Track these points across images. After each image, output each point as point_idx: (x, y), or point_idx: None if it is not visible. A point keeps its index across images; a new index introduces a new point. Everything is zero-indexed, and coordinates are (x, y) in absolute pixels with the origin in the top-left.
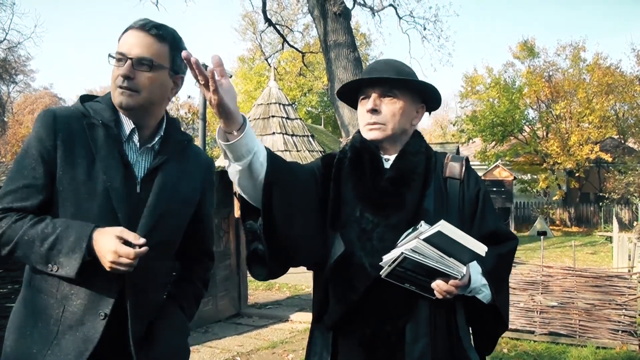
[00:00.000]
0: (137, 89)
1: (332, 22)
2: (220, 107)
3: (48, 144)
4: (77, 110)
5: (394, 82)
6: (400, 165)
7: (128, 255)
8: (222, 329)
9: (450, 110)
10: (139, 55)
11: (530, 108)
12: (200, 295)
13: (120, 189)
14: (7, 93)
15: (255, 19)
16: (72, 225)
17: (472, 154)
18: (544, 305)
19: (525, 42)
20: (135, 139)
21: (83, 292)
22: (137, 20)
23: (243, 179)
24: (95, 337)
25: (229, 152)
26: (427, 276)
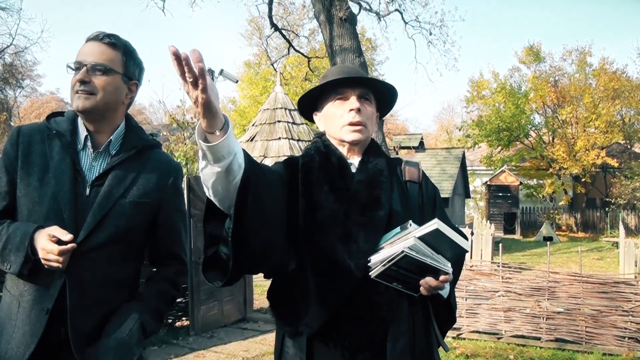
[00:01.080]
0: (93, 92)
1: (338, 27)
2: (207, 107)
3: (12, 156)
4: (42, 125)
5: (371, 86)
6: (368, 169)
7: (52, 251)
8: (228, 334)
9: (456, 115)
10: (93, 62)
11: (536, 113)
12: (165, 292)
13: (68, 192)
14: (14, 97)
15: (261, 24)
16: (20, 227)
17: (477, 159)
18: (550, 311)
19: (531, 47)
20: (89, 145)
21: (32, 288)
22: (91, 33)
23: (218, 181)
24: (39, 332)
25: (210, 153)
26: (418, 274)
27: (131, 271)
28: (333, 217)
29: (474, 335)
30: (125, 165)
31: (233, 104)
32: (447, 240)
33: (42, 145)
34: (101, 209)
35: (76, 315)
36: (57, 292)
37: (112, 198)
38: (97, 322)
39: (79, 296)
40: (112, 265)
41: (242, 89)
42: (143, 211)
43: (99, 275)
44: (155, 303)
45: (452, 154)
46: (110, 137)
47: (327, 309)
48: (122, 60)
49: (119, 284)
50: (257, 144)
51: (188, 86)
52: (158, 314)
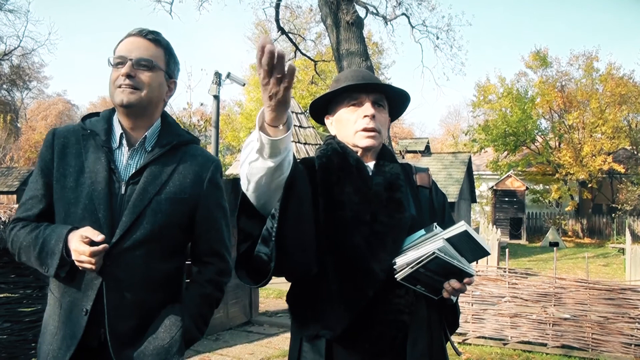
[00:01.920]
0: (138, 87)
1: (345, 31)
2: (284, 102)
3: (47, 159)
4: (77, 126)
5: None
6: (385, 172)
7: (84, 253)
8: (233, 337)
9: (462, 119)
10: (138, 56)
11: (543, 118)
12: (208, 295)
13: (102, 192)
14: (21, 99)
15: (268, 27)
16: (55, 229)
17: (484, 164)
18: (556, 317)
19: (537, 52)
20: (124, 143)
21: (71, 290)
22: (133, 29)
23: (266, 176)
24: (78, 333)
25: (269, 147)
26: (443, 276)
27: (171, 270)
28: (358, 218)
29: (479, 340)
30: (161, 161)
31: (239, 106)
32: (473, 243)
33: (77, 146)
34: (136, 206)
35: (114, 316)
36: (95, 293)
37: (148, 195)
38: (136, 324)
39: (117, 296)
40: (151, 264)
41: (248, 92)
42: (180, 207)
43: (137, 275)
44: (198, 308)
45: (458, 159)
46: (146, 133)
47: (349, 312)
48: (164, 58)
49: (159, 283)
50: None
51: (271, 81)
52: (202, 320)
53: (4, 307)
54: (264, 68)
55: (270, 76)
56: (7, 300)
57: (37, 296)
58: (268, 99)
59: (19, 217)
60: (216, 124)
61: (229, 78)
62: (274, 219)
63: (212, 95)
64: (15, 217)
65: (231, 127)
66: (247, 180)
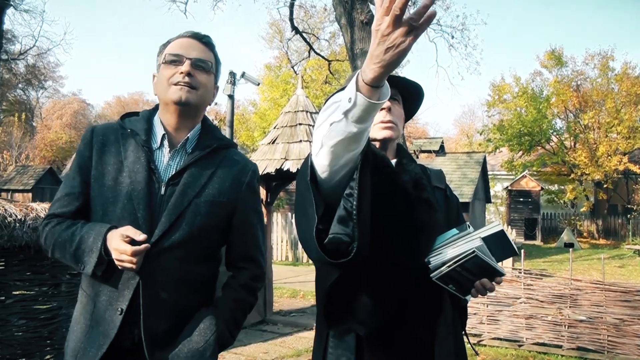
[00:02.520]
0: (196, 87)
1: (359, 30)
2: (402, 57)
3: (85, 156)
4: (116, 124)
5: (399, 87)
6: (409, 171)
7: (125, 252)
8: (248, 336)
9: (477, 118)
10: (196, 57)
11: (558, 118)
12: (242, 300)
13: (142, 192)
14: (36, 98)
15: (282, 27)
16: (93, 227)
17: (498, 164)
18: (572, 319)
19: (553, 51)
20: (166, 144)
21: (107, 289)
22: (186, 31)
23: (343, 143)
24: (112, 332)
25: (362, 110)
26: (477, 275)
27: (206, 273)
28: (393, 215)
29: (494, 342)
30: (201, 164)
31: (254, 106)
32: (505, 243)
33: (116, 145)
34: (176, 208)
35: (149, 316)
36: (132, 293)
37: (187, 197)
38: (171, 325)
39: (153, 297)
40: (187, 266)
41: (262, 92)
42: (218, 211)
43: (173, 276)
44: (232, 312)
45: (472, 159)
46: (188, 135)
47: (383, 309)
48: (215, 63)
49: (194, 285)
50: (279, 146)
51: (397, 30)
52: (235, 324)
53: (19, 305)
54: (394, 12)
55: (397, 23)
56: (23, 297)
57: (53, 293)
58: (383, 52)
59: (54, 213)
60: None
61: (244, 78)
62: (351, 197)
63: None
64: (51, 213)
65: (245, 126)
66: (321, 144)
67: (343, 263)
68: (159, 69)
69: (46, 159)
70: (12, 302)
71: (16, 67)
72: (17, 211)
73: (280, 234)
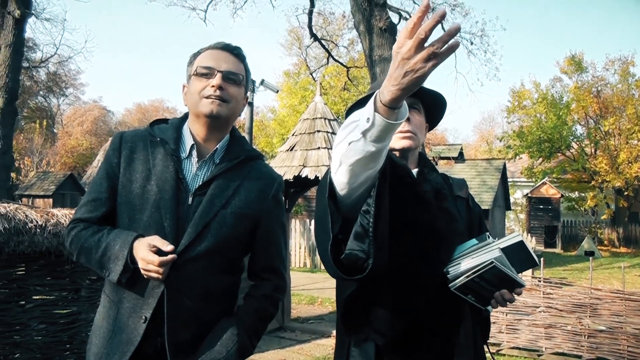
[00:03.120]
0: (227, 100)
1: (378, 37)
2: (421, 82)
3: (114, 162)
4: (145, 131)
5: (419, 96)
6: (430, 180)
7: (152, 262)
8: (266, 343)
9: (496, 125)
10: (227, 69)
11: (578, 124)
12: (263, 310)
13: (170, 201)
14: (57, 105)
15: (301, 34)
16: (120, 235)
17: (518, 170)
18: (591, 329)
19: (573, 57)
20: (194, 154)
21: (131, 296)
22: (217, 43)
23: (362, 162)
24: (135, 340)
25: (380, 131)
26: (495, 286)
27: (230, 283)
28: (412, 225)
29: (513, 351)
30: (228, 175)
31: (273, 113)
32: (525, 253)
33: (144, 152)
34: (202, 218)
35: (174, 325)
36: (156, 301)
37: (214, 208)
38: (194, 334)
39: (177, 306)
40: (211, 276)
41: (281, 99)
42: (244, 222)
43: (197, 286)
44: (253, 322)
45: (492, 165)
46: (217, 146)
47: (401, 319)
48: (245, 74)
49: (217, 295)
50: (297, 153)
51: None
52: (255, 335)
53: (39, 309)
54: (418, 36)
55: (420, 48)
56: (43, 302)
57: (72, 298)
58: (402, 75)
59: (80, 217)
60: (249, 130)
61: (263, 85)
62: (367, 214)
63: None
64: (77, 218)
65: (264, 133)
66: (340, 162)
67: (358, 278)
68: (190, 80)
69: (67, 165)
70: (32, 307)
71: (37, 75)
72: (38, 217)
73: (298, 241)
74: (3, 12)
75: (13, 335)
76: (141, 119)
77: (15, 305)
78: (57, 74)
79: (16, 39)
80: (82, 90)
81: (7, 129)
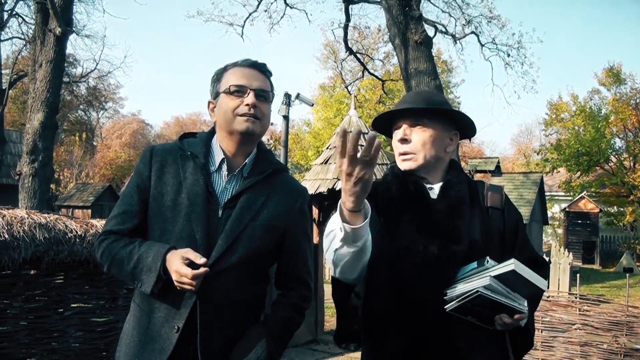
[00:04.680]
0: (260, 117)
1: (413, 50)
2: (368, 185)
3: (144, 175)
4: (174, 145)
5: (420, 112)
6: (449, 196)
7: (186, 275)
8: (299, 354)
9: (534, 138)
10: (258, 87)
11: (617, 137)
12: (290, 319)
13: (201, 214)
14: (97, 119)
15: (336, 48)
16: (152, 247)
17: (556, 184)
18: (628, 347)
19: (611, 68)
20: (224, 168)
21: (163, 306)
22: (244, 60)
23: (351, 260)
24: (168, 349)
25: (353, 235)
26: (493, 310)
27: (258, 293)
28: (412, 248)
29: None
30: (257, 189)
31: (308, 126)
32: (523, 280)
33: (174, 166)
34: (233, 231)
35: (206, 335)
36: (188, 311)
37: (244, 221)
38: (224, 343)
39: (210, 317)
40: (241, 287)
41: (316, 112)
42: (272, 235)
43: (228, 297)
44: (281, 331)
45: (529, 179)
46: (245, 160)
47: (402, 341)
48: (271, 90)
49: (247, 305)
50: (331, 166)
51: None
52: (282, 343)
53: (77, 317)
54: (349, 153)
55: (354, 162)
56: (81, 310)
57: (110, 307)
58: (352, 185)
59: (111, 230)
60: (285, 143)
61: (298, 99)
62: (359, 298)
63: (281, 115)
64: (107, 230)
65: (299, 146)
66: (334, 265)
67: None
68: (218, 97)
69: (105, 177)
70: (70, 314)
71: (78, 90)
72: (78, 227)
73: None
74: (45, 30)
75: (51, 342)
76: (179, 132)
77: (53, 312)
78: (96, 88)
79: (57, 56)
80: (121, 104)
81: (48, 141)
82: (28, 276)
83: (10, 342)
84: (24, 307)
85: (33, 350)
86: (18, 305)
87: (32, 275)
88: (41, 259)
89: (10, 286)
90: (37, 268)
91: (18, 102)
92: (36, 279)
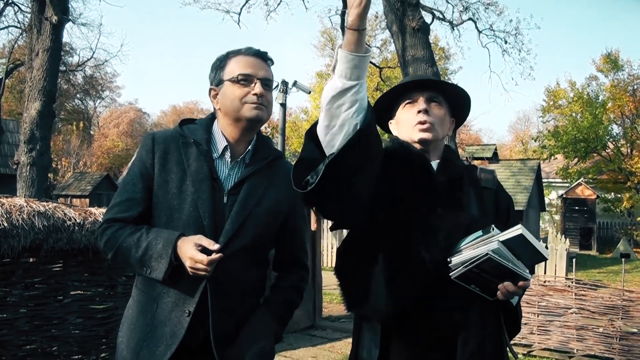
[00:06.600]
0: (266, 105)
1: (411, 37)
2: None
3: (147, 163)
4: (175, 132)
5: (440, 89)
6: (448, 171)
7: (202, 261)
8: (297, 340)
9: (531, 125)
10: (264, 77)
11: (615, 123)
12: (291, 300)
13: (207, 200)
14: (94, 108)
15: (333, 35)
16: (161, 234)
17: (553, 171)
18: (624, 331)
19: (608, 55)
20: (227, 155)
21: (172, 292)
22: (248, 48)
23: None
24: (180, 333)
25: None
26: (497, 278)
27: (261, 276)
28: (416, 210)
29: (545, 353)
30: (259, 175)
31: (305, 114)
32: (529, 247)
33: (177, 154)
34: (239, 217)
35: (217, 318)
36: (199, 295)
37: (249, 206)
38: (234, 325)
39: (219, 300)
40: (247, 270)
41: (314, 100)
42: (275, 219)
43: (235, 280)
44: (282, 310)
45: (527, 166)
46: (248, 147)
47: (398, 300)
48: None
49: (252, 288)
50: None
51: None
52: (284, 322)
53: (77, 304)
54: None
55: None
56: (81, 297)
57: (109, 294)
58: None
59: (115, 217)
60: (282, 131)
61: (295, 86)
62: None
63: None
64: (110, 218)
65: (297, 134)
66: (321, 108)
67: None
68: (222, 85)
69: (103, 165)
70: (70, 302)
71: (74, 78)
72: (77, 215)
73: (330, 241)
74: (41, 18)
75: (51, 329)
76: (176, 120)
77: (53, 300)
78: (93, 77)
79: (53, 44)
80: (118, 92)
81: (46, 130)
82: (27, 264)
83: (10, 329)
84: (24, 294)
85: (33, 338)
86: (18, 292)
87: (31, 263)
88: (40, 246)
89: (10, 274)
90: (36, 256)
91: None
92: (35, 267)
